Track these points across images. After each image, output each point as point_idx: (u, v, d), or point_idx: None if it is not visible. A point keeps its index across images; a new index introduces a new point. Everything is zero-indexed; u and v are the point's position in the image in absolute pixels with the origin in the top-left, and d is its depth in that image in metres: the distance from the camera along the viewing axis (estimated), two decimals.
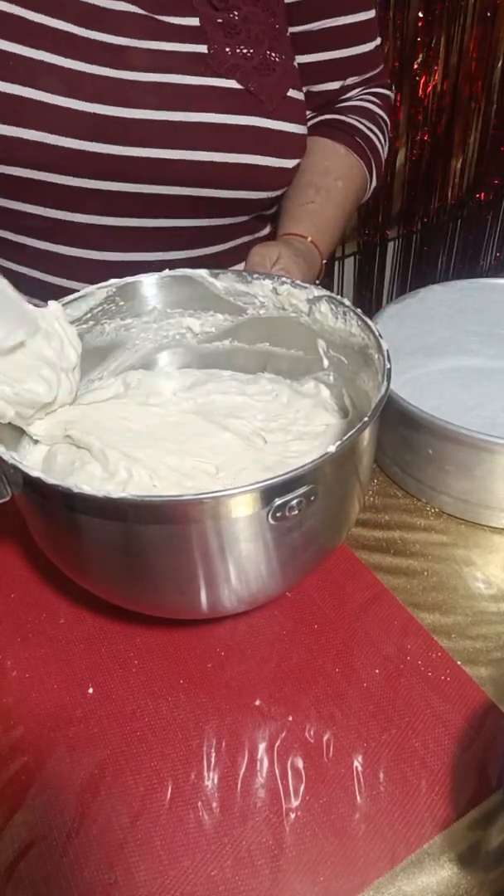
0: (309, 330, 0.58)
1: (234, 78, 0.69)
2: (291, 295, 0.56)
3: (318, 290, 0.55)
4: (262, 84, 0.70)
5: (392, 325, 0.69)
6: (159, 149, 0.67)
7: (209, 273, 0.58)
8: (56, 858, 0.42)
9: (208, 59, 0.68)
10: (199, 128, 0.68)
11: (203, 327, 0.61)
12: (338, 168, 0.79)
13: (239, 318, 0.60)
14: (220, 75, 0.69)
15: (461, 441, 0.56)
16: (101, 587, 0.49)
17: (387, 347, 0.49)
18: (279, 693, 0.49)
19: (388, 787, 0.44)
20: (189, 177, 0.70)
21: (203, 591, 0.45)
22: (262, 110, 0.70)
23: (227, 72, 0.69)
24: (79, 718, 0.48)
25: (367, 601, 0.55)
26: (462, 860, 0.41)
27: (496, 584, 0.56)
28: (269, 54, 0.70)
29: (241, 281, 0.58)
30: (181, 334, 0.62)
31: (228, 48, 0.69)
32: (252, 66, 0.69)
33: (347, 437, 0.42)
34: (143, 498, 0.39)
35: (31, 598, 0.56)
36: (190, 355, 0.63)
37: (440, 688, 0.49)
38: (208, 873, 0.41)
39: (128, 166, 0.68)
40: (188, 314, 0.61)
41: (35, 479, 0.40)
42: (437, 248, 1.81)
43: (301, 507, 0.41)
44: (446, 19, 1.44)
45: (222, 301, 0.59)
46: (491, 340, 0.75)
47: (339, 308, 0.54)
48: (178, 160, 0.68)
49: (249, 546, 0.43)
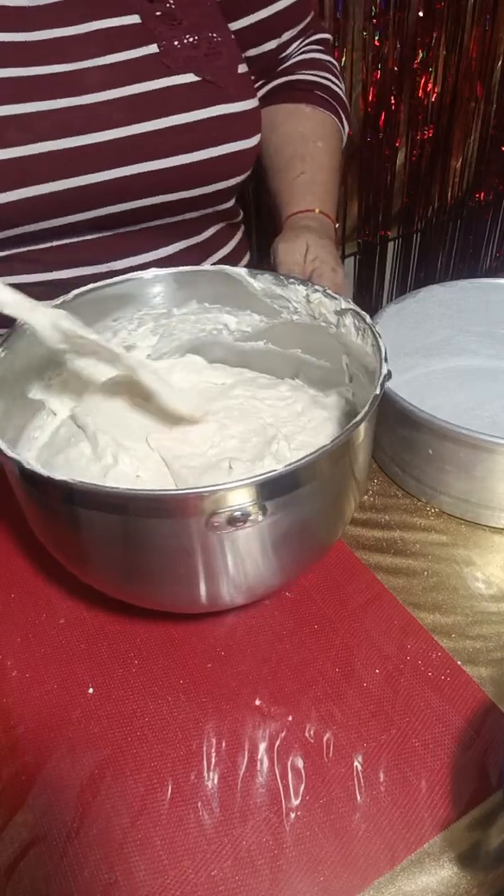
0: (336, 342, 0.57)
1: (191, 71, 0.67)
2: (322, 304, 0.56)
3: (345, 302, 0.54)
4: (216, 69, 0.68)
5: (392, 325, 0.69)
6: (130, 165, 0.66)
7: (248, 272, 0.58)
8: (56, 858, 0.42)
9: (162, 58, 0.66)
10: (167, 133, 0.66)
11: (239, 325, 0.62)
12: (312, 129, 0.78)
13: (274, 321, 0.60)
14: (176, 72, 0.66)
15: (461, 441, 0.56)
16: (99, 580, 0.50)
17: (385, 372, 0.47)
18: (279, 693, 0.49)
19: (388, 787, 0.44)
20: (164, 184, 0.68)
21: (201, 584, 0.45)
22: (222, 97, 0.68)
23: (182, 67, 0.67)
24: (79, 718, 0.48)
25: (367, 601, 0.55)
26: (462, 860, 0.41)
27: (496, 584, 0.56)
28: (212, 36, 0.69)
29: (277, 283, 0.57)
30: (218, 330, 0.62)
31: (176, 41, 0.67)
32: (202, 55, 0.68)
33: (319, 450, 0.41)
34: (139, 492, 0.39)
35: (31, 598, 0.56)
36: (225, 352, 0.64)
37: (440, 688, 0.49)
38: (208, 873, 0.41)
39: (100, 191, 0.66)
40: (226, 311, 0.61)
41: (31, 471, 0.41)
42: (437, 248, 1.81)
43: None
44: (446, 19, 1.44)
45: (259, 301, 0.59)
46: (491, 340, 0.75)
47: (362, 324, 0.53)
48: (151, 171, 0.66)
49: (245, 540, 0.43)
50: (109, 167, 0.65)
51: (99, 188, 0.65)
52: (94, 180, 0.65)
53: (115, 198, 0.67)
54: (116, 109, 0.64)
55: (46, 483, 0.41)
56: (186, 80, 0.67)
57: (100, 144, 0.64)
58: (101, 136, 0.64)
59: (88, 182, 0.65)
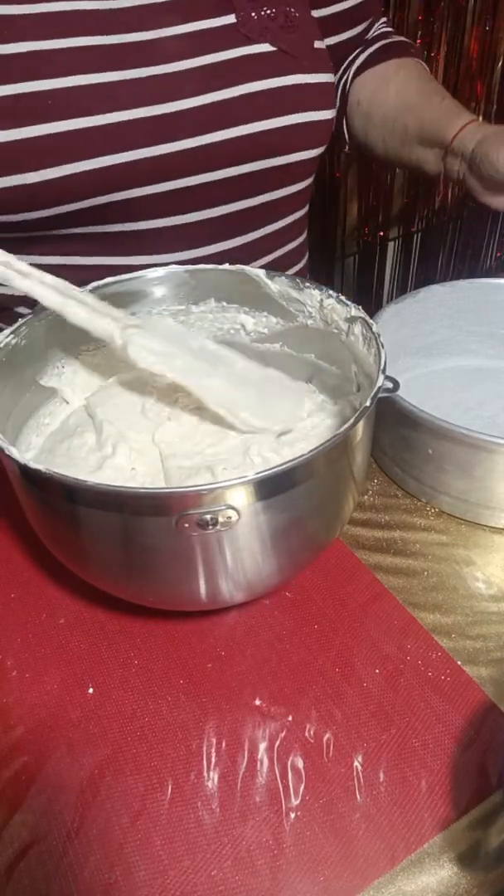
0: (346, 350, 0.57)
1: (266, 41, 0.68)
2: (334, 311, 0.56)
3: (356, 310, 0.54)
4: (291, 41, 0.70)
5: (392, 325, 0.69)
6: (206, 134, 0.66)
7: (266, 274, 0.58)
8: (56, 858, 0.42)
9: (238, 27, 0.67)
10: (241, 101, 0.67)
11: (256, 326, 0.62)
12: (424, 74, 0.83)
13: (290, 324, 0.60)
14: (253, 41, 0.68)
15: (461, 441, 0.56)
16: (98, 577, 0.50)
17: (380, 383, 0.47)
18: (279, 693, 0.49)
19: (388, 787, 0.44)
20: (239, 154, 0.69)
21: (200, 581, 0.45)
22: (297, 67, 0.69)
23: (258, 36, 0.68)
24: (79, 719, 0.48)
25: (367, 601, 0.55)
26: (462, 860, 0.41)
27: (496, 584, 0.56)
28: (289, 10, 0.70)
29: (294, 287, 0.57)
30: (235, 329, 0.62)
31: (254, 12, 0.68)
32: (278, 26, 0.69)
33: (317, 449, 0.41)
34: (134, 490, 0.39)
35: (31, 598, 0.56)
36: (241, 353, 0.63)
37: (440, 688, 0.49)
38: (208, 873, 0.41)
39: (175, 161, 0.66)
40: (244, 311, 0.61)
41: (30, 468, 0.41)
42: (437, 248, 1.81)
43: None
44: (446, 19, 1.44)
45: (276, 304, 0.59)
46: (491, 340, 0.75)
47: (368, 333, 0.52)
48: (227, 140, 0.67)
49: (243, 537, 0.43)
50: (186, 136, 0.66)
51: (175, 157, 0.66)
52: (172, 149, 0.65)
53: (191, 168, 0.68)
54: (192, 78, 0.65)
55: (45, 480, 0.41)
56: (262, 50, 0.68)
57: (177, 113, 0.65)
58: (178, 105, 0.65)
59: (166, 151, 0.65)
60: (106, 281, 0.56)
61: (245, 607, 0.54)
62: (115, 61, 0.63)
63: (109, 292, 0.56)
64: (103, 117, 0.62)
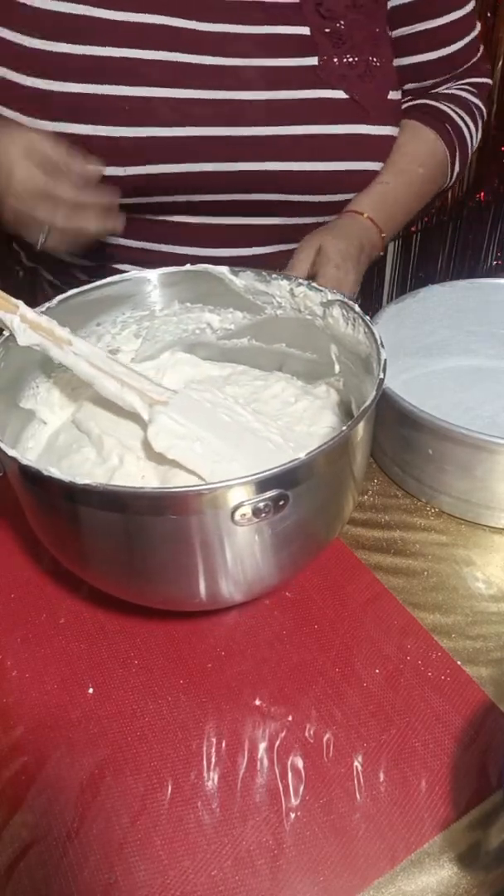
0: (323, 333, 0.57)
1: (342, 88, 0.70)
2: (307, 297, 0.56)
3: (332, 293, 0.55)
4: (366, 91, 0.71)
5: (392, 325, 0.69)
6: (261, 162, 0.69)
7: (230, 270, 0.58)
8: (56, 858, 0.42)
9: (318, 71, 0.69)
10: (303, 140, 0.69)
11: (222, 324, 0.62)
12: (423, 154, 0.80)
13: (257, 317, 0.61)
14: (330, 86, 0.69)
15: (461, 441, 0.56)
16: (99, 577, 0.50)
17: (384, 357, 0.48)
18: (279, 693, 0.49)
19: (388, 787, 0.44)
20: (290, 185, 0.72)
21: (200, 581, 0.45)
22: (364, 118, 0.71)
23: (336, 82, 0.70)
24: (79, 718, 0.48)
25: (367, 601, 0.55)
26: (462, 860, 0.41)
27: (496, 584, 0.56)
28: (371, 60, 0.72)
29: (260, 280, 0.58)
30: (201, 329, 0.63)
31: (336, 58, 0.70)
32: (356, 75, 0.71)
33: (320, 447, 0.41)
34: (141, 490, 0.39)
35: (31, 598, 0.56)
36: (209, 351, 0.64)
37: (440, 688, 0.49)
38: (208, 873, 0.41)
39: (227, 180, 0.69)
40: (208, 310, 0.61)
41: (32, 469, 0.41)
42: (436, 248, 1.81)
43: (286, 502, 0.41)
44: None
45: (242, 299, 0.60)
46: (491, 340, 0.75)
47: (350, 314, 0.53)
48: (277, 171, 0.70)
49: (242, 537, 0.43)
50: (245, 160, 0.69)
51: (231, 176, 0.70)
52: (229, 169, 0.69)
53: (243, 187, 0.71)
54: (263, 109, 0.68)
55: (47, 481, 0.41)
56: (335, 96, 0.70)
57: (241, 138, 0.68)
58: (244, 131, 0.68)
59: (224, 169, 0.69)
60: (72, 292, 0.56)
61: (245, 607, 0.54)
62: (189, 78, 0.66)
63: (75, 303, 0.56)
64: (172, 129, 0.66)
